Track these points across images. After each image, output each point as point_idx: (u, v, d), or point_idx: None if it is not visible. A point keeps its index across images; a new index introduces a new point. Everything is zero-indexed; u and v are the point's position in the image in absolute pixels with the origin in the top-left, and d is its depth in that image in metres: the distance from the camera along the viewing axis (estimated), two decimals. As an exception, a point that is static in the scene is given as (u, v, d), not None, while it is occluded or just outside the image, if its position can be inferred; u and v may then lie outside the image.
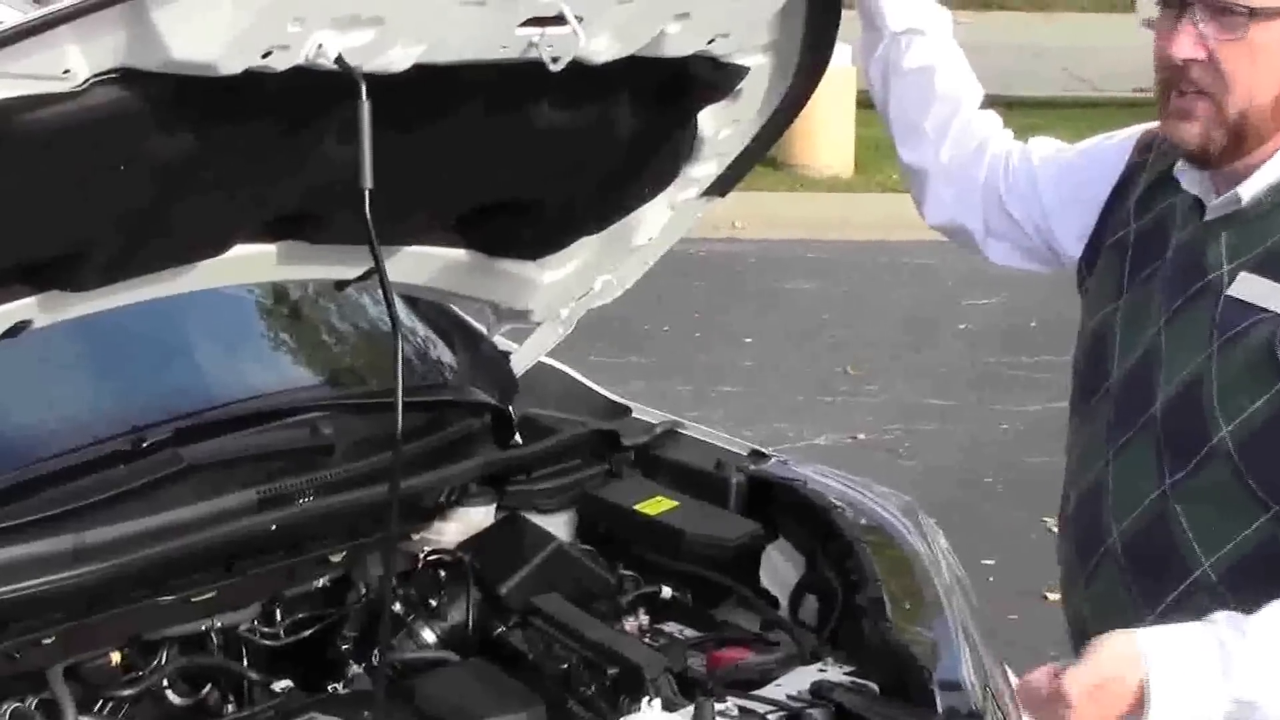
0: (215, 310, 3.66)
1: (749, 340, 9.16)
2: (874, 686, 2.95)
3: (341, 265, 3.23)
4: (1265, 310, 2.52)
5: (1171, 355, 2.63)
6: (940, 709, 2.83)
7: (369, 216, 2.38)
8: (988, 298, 9.65)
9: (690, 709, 2.83)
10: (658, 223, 3.46)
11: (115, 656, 3.01)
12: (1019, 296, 9.34)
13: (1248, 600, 2.44)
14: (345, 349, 3.94)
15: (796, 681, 2.97)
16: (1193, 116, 2.57)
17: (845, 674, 2.99)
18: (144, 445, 3.06)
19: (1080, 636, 2.70)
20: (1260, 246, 2.56)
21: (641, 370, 8.19)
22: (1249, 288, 2.54)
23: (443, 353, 3.80)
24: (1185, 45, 2.53)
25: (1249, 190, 2.58)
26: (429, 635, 3.22)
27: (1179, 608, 2.56)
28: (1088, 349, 2.82)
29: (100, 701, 2.99)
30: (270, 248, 3.07)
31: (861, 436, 7.71)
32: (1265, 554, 2.53)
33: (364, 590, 3.33)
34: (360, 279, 3.30)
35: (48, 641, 2.86)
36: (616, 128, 3.08)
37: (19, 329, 2.77)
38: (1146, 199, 2.77)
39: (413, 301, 3.72)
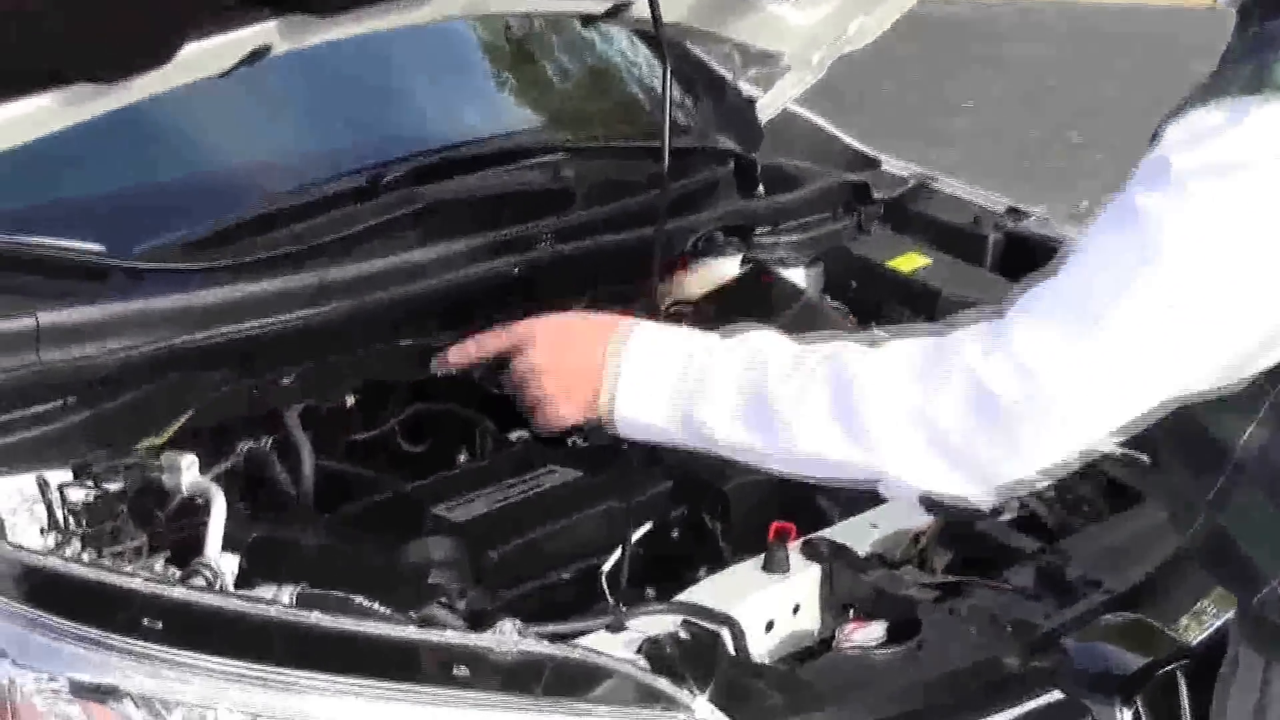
0: (453, 50, 3.56)
1: (969, 105, 8.91)
2: (1145, 458, 2.79)
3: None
4: None
5: None
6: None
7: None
8: (1221, 65, 9.26)
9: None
10: (917, -39, 3.26)
11: (351, 400, 2.94)
12: (1255, 64, 8.95)
13: None
14: (584, 92, 3.79)
15: (1060, 450, 2.82)
16: None
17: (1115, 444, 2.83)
18: (384, 183, 2.94)
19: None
20: None
21: (860, 133, 7.96)
22: None
23: (685, 98, 3.64)
24: None
25: None
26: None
27: None
28: None
29: (335, 445, 2.93)
30: (516, -23, 2.92)
31: (1085, 204, 7.45)
32: None
33: (605, 341, 3.22)
34: (607, 16, 3.14)
35: (286, 382, 2.78)
36: None
37: (260, 54, 2.64)
38: None
39: (657, 43, 3.55)
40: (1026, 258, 3.32)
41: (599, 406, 2.21)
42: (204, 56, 2.51)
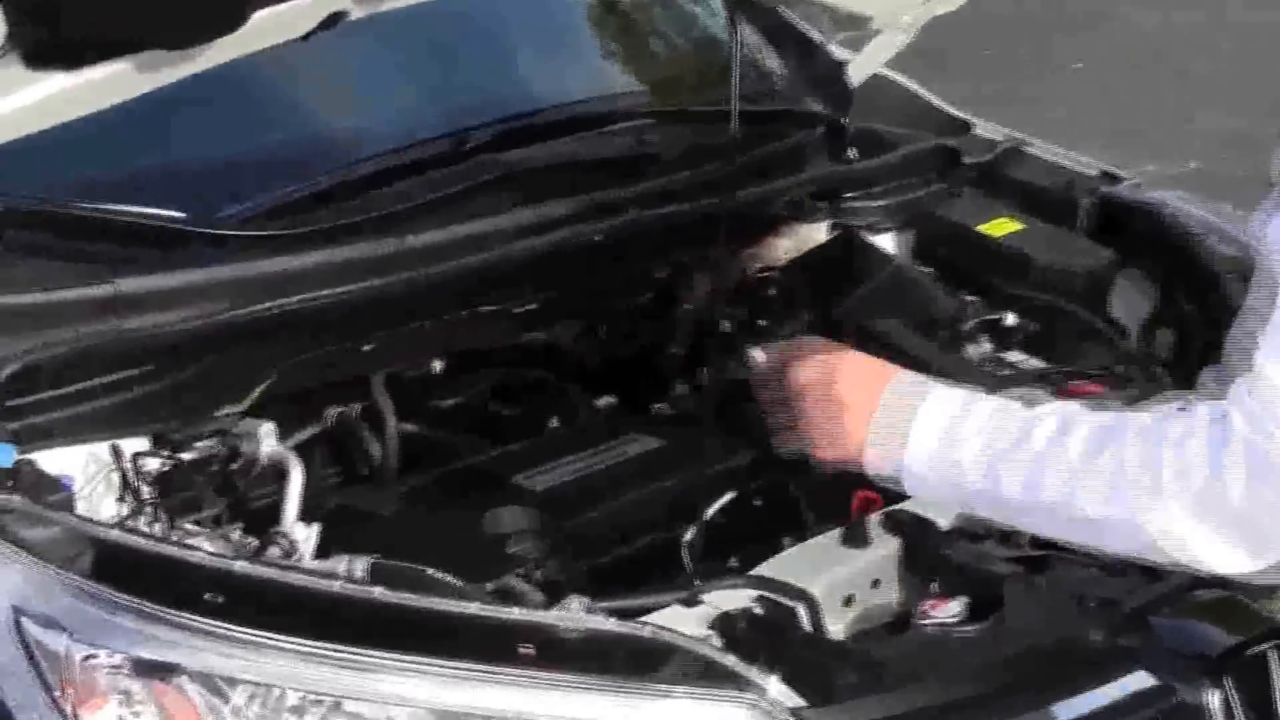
0: (537, 12, 3.53)
1: (1078, 66, 8.76)
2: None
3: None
4: None
5: None
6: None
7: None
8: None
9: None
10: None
11: (437, 366, 2.92)
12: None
13: None
14: (671, 57, 3.75)
15: (1155, 421, 2.75)
16: None
17: None
18: (465, 149, 2.91)
19: None
20: None
21: (963, 97, 7.82)
22: None
23: (774, 61, 3.58)
24: None
25: None
26: (759, 356, 3.06)
27: None
28: None
29: (423, 412, 2.92)
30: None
31: (1193, 165, 7.31)
32: None
33: (689, 307, 3.18)
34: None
35: (368, 348, 2.77)
36: None
37: (335, 20, 2.62)
38: None
39: (745, 6, 3.50)
40: (1120, 223, 3.27)
41: (865, 450, 2.12)
42: (277, 22, 2.49)
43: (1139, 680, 2.22)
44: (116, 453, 2.40)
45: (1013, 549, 2.47)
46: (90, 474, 2.40)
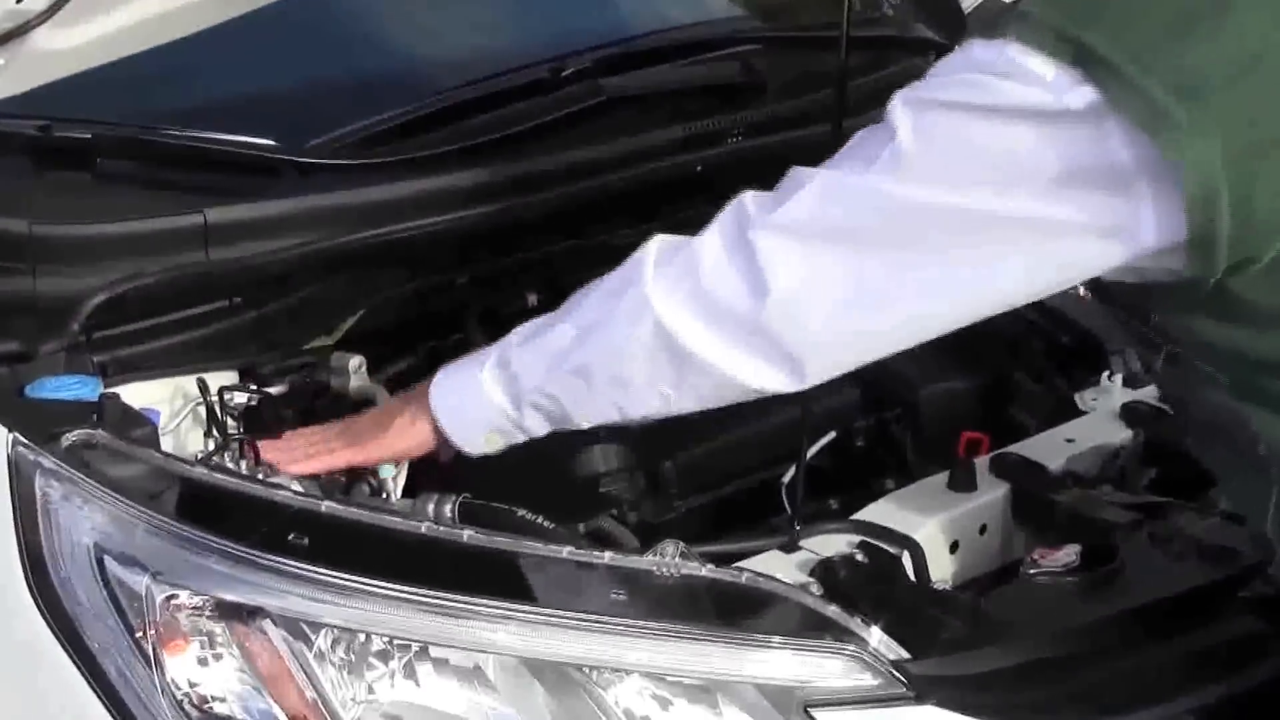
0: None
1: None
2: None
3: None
4: None
5: None
6: None
7: None
8: None
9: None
10: None
11: (533, 300, 2.86)
12: None
13: None
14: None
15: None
16: None
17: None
18: (563, 75, 2.84)
19: None
20: None
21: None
22: None
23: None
24: None
25: None
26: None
27: None
28: None
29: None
30: None
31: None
32: None
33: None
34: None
35: (462, 281, 2.71)
36: None
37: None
38: None
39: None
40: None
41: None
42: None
43: (1260, 633, 2.14)
44: (203, 386, 2.35)
45: (1127, 495, 2.38)
46: (176, 408, 2.36)
